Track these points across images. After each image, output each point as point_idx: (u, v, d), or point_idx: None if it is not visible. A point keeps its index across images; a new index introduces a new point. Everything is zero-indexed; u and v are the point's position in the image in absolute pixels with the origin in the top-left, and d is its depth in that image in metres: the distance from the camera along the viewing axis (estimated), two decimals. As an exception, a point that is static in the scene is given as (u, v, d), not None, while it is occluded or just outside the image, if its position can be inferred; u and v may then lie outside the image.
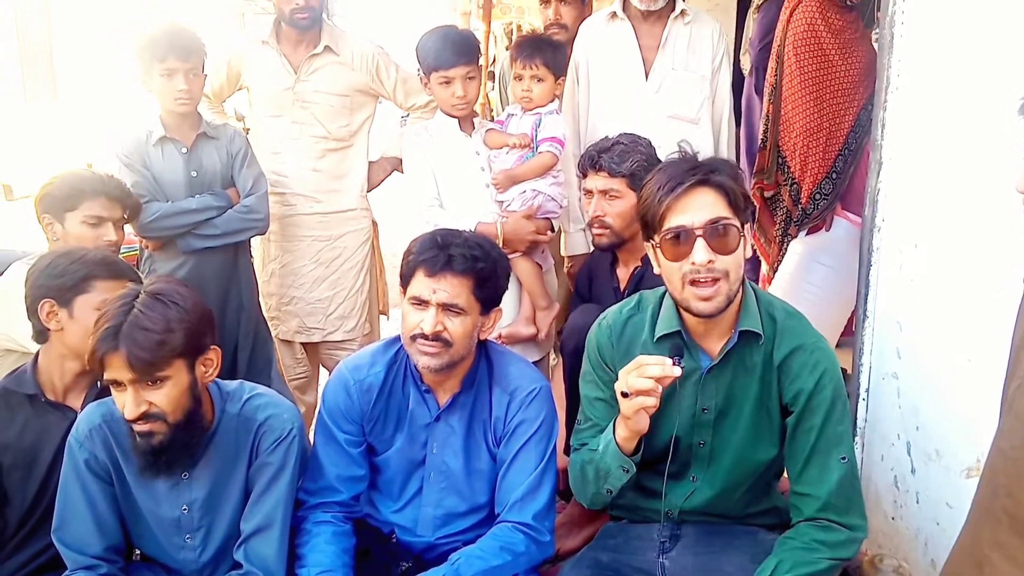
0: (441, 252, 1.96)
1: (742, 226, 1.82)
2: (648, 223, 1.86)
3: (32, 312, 2.09)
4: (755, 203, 3.11)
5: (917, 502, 2.18)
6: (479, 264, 1.97)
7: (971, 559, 1.37)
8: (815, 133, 2.92)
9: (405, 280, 2.03)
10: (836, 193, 2.99)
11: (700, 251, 1.76)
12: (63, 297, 2.06)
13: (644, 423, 1.78)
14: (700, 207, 1.78)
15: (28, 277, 2.12)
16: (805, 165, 2.96)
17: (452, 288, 1.95)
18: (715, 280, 1.77)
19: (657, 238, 1.83)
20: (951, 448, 2.06)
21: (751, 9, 3.37)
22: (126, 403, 1.81)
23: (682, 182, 1.79)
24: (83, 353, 2.05)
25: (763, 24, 3.25)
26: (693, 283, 1.78)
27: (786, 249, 3.11)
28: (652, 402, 1.72)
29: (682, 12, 3.17)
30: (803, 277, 3.05)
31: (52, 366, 2.12)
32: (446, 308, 1.96)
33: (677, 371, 1.72)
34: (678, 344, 1.85)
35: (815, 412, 1.84)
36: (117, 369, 1.78)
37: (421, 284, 1.97)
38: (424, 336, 1.96)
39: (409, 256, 2.02)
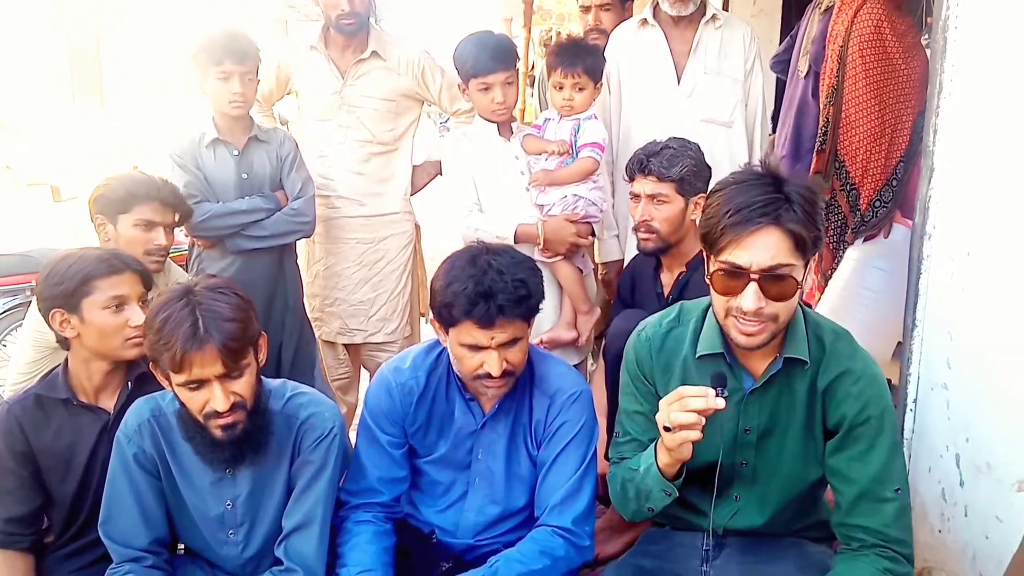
0: (490, 304, 1.86)
1: (805, 264, 1.72)
2: (707, 239, 1.76)
3: (48, 324, 2.10)
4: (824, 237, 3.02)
5: (965, 515, 2.14)
6: (529, 300, 1.93)
7: None
8: (878, 138, 2.83)
9: (446, 323, 1.96)
10: (896, 200, 2.90)
11: (750, 297, 1.68)
12: (69, 303, 2.05)
13: (687, 452, 1.74)
14: (762, 248, 1.66)
15: (35, 290, 2.13)
16: (866, 170, 2.88)
17: (507, 330, 1.91)
18: (761, 323, 1.71)
19: (713, 263, 1.75)
20: (1002, 461, 2.02)
21: (816, 9, 3.24)
22: (215, 398, 1.83)
23: (751, 219, 1.66)
24: (105, 353, 2.10)
25: (827, 24, 3.16)
26: (737, 317, 1.73)
27: (841, 256, 3.05)
28: (696, 436, 1.67)
29: (713, 16, 3.18)
30: (859, 282, 2.97)
31: (80, 369, 2.13)
32: (506, 345, 1.93)
33: (720, 403, 1.64)
34: (721, 374, 1.78)
35: (859, 440, 1.79)
36: (206, 366, 1.80)
37: (475, 334, 1.90)
38: (490, 376, 1.94)
39: (447, 300, 1.90)
